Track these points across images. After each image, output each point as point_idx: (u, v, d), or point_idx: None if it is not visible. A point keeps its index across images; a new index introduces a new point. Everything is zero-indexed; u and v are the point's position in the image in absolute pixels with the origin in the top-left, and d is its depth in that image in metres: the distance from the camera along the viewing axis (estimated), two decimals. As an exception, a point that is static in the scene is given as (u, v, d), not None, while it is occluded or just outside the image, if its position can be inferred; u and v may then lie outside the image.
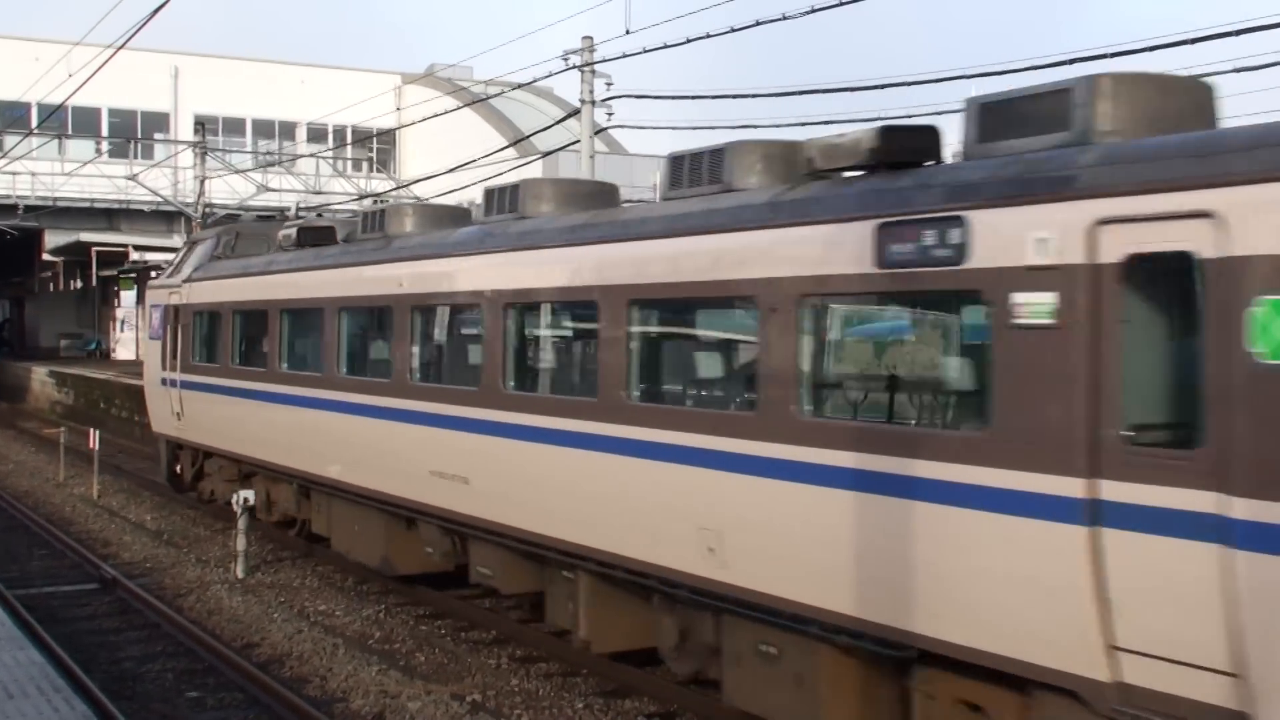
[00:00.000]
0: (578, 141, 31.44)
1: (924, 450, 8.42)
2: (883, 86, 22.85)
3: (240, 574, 17.39)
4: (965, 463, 8.10)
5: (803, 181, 10.05)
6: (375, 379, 15.20)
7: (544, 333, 13.11)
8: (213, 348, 20.17)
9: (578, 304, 12.22)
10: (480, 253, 13.31)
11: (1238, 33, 16.33)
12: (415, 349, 14.42)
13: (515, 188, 13.79)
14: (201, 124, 47.35)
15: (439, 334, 14.65)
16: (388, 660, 13.45)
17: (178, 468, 22.47)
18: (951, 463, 8.19)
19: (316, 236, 17.66)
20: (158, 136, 59.85)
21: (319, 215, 26.65)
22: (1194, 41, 16.81)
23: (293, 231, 18.03)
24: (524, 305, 12.78)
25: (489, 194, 14.28)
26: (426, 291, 14.17)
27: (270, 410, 17.70)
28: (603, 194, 13.95)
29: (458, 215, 16.65)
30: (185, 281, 21.12)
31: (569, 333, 12.97)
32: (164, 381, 22.00)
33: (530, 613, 14.72)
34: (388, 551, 15.55)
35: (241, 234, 20.77)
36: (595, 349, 11.62)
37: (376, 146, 63.76)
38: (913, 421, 9.02)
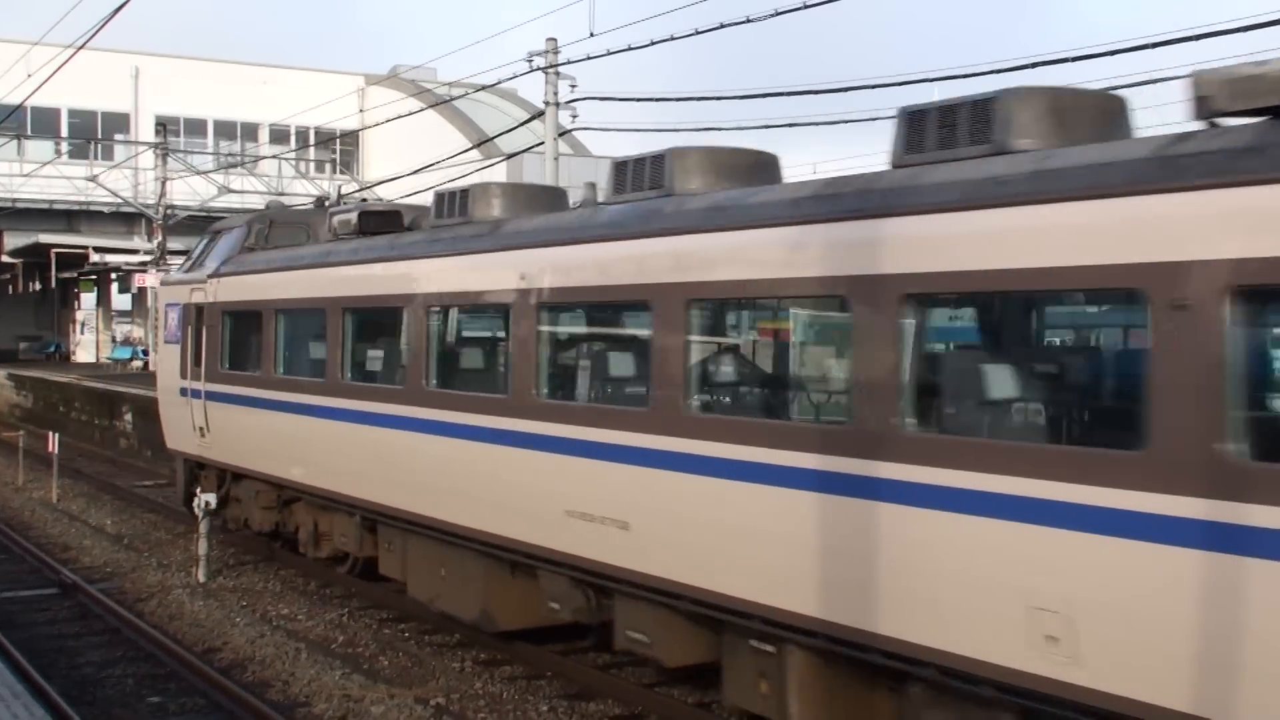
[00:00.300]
0: (542, 143, 30.36)
1: None
2: (847, 89, 22.12)
3: (202, 578, 16.41)
4: None
5: (1195, 130, 6.89)
6: (483, 394, 11.71)
7: (745, 337, 9.81)
8: (250, 353, 16.24)
9: (807, 299, 8.90)
10: (643, 236, 9.89)
11: (1197, 38, 15.85)
12: (544, 357, 10.92)
13: (660, 158, 10.52)
14: (162, 125, 45.98)
15: (580, 338, 11.27)
16: (351, 664, 12.71)
17: (198, 490, 18.37)
18: None
19: (382, 223, 14.08)
20: (118, 137, 58.37)
21: (364, 200, 23.03)
22: (1155, 46, 16.41)
23: (353, 217, 14.33)
24: (714, 301, 9.43)
25: (620, 167, 10.99)
26: (561, 285, 10.71)
27: (329, 429, 14.03)
28: (764, 165, 10.75)
29: (555, 195, 13.38)
30: (211, 277, 17.12)
31: (790, 336, 9.64)
32: (184, 392, 17.87)
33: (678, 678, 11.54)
34: (488, 603, 12.13)
35: (276, 222, 16.86)
36: (838, 358, 8.36)
37: (340, 148, 62.19)
38: None
